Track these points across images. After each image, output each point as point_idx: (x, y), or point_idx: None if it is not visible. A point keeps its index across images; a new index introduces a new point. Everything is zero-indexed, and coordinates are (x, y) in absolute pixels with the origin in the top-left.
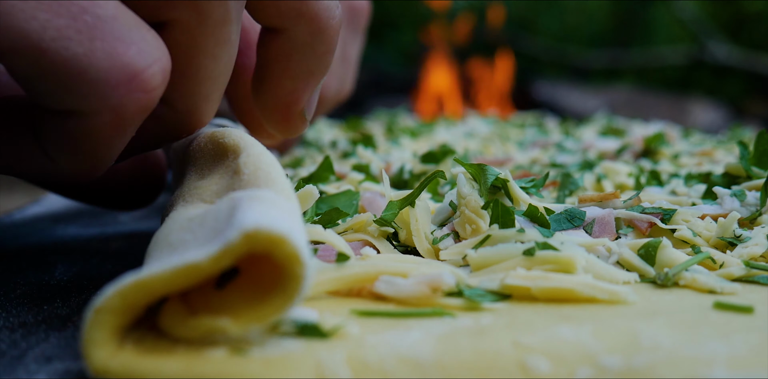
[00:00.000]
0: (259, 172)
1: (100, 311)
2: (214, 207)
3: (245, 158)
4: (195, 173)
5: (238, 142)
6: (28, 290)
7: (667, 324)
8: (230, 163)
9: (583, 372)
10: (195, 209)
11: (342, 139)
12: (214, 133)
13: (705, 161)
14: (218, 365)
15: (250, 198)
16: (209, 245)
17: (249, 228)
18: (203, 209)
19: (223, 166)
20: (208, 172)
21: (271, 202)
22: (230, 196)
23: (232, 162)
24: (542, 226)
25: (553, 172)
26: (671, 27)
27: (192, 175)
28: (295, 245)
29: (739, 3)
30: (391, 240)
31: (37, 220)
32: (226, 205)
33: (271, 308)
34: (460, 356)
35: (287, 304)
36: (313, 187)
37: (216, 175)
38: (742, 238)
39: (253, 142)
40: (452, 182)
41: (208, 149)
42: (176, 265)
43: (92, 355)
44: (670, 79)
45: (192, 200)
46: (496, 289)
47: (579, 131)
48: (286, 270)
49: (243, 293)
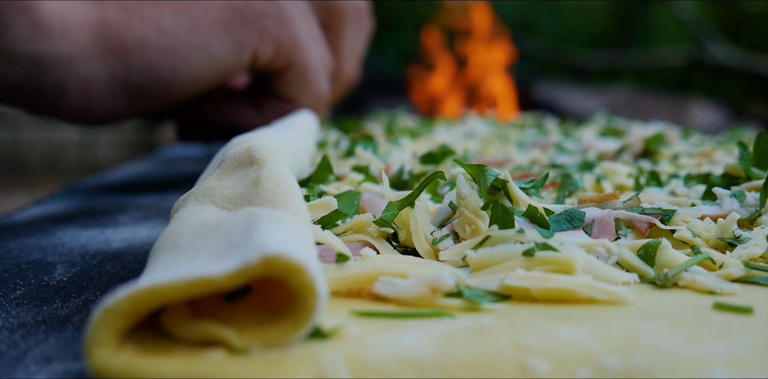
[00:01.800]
0: (278, 190)
1: (109, 312)
2: (228, 217)
3: (267, 174)
4: (215, 175)
5: (265, 157)
6: (27, 290)
7: (667, 325)
8: (251, 173)
9: (583, 373)
10: (206, 212)
11: (343, 140)
12: (250, 146)
13: (704, 162)
14: (218, 365)
15: (270, 218)
16: (225, 259)
17: (270, 253)
18: (215, 214)
19: (242, 173)
20: (227, 176)
21: (290, 226)
22: (248, 210)
23: (253, 172)
24: (542, 226)
25: (553, 173)
26: (671, 28)
27: (212, 177)
28: (311, 275)
29: (739, 4)
30: (391, 241)
31: (37, 220)
32: (243, 219)
33: (278, 332)
34: (460, 356)
35: (295, 331)
36: (332, 199)
37: (232, 179)
38: (741, 238)
39: (278, 160)
40: (452, 183)
41: (239, 158)
42: (191, 276)
43: (94, 354)
44: (670, 79)
45: (203, 201)
46: (495, 289)
47: (578, 132)
48: (300, 299)
49: (252, 311)
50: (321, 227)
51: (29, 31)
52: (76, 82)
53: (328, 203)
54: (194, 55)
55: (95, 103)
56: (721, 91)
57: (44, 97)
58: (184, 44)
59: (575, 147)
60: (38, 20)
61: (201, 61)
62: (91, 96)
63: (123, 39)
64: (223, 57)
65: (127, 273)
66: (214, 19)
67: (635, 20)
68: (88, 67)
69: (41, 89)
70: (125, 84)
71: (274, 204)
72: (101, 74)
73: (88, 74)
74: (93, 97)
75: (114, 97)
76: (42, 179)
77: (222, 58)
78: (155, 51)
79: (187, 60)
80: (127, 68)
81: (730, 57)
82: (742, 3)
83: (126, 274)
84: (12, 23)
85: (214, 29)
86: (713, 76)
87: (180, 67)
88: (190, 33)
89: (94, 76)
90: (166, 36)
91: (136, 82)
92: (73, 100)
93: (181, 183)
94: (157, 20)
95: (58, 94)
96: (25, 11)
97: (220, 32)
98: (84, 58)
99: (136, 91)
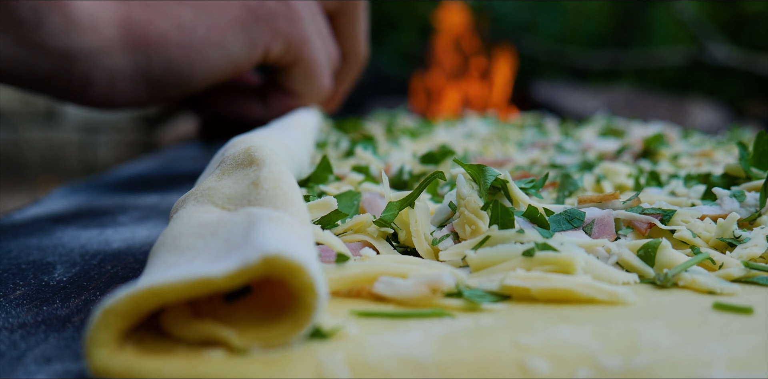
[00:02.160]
0: (278, 190)
1: (109, 312)
2: (228, 218)
3: (267, 174)
4: (214, 175)
5: (264, 157)
6: (27, 290)
7: (667, 325)
8: (250, 173)
9: (583, 373)
10: (206, 213)
11: (343, 140)
12: (250, 146)
13: (704, 162)
14: (218, 365)
15: (270, 219)
16: (225, 259)
17: (270, 253)
18: (215, 214)
19: (241, 173)
20: (226, 176)
21: (290, 227)
22: (247, 210)
23: (253, 172)
24: (542, 227)
25: (553, 173)
26: (671, 28)
27: (211, 177)
28: (312, 276)
29: (739, 4)
30: (391, 241)
31: (37, 220)
32: (243, 219)
33: (278, 333)
34: (460, 356)
35: (295, 331)
36: (332, 199)
37: (231, 179)
38: (741, 239)
39: (277, 160)
40: (452, 183)
41: (238, 158)
42: (191, 277)
43: (94, 355)
44: (670, 79)
45: (203, 201)
46: (495, 290)
47: (578, 132)
48: (300, 299)
49: (251, 311)
50: (321, 227)
51: (62, 27)
52: (102, 74)
53: (328, 203)
54: (211, 51)
55: (118, 93)
56: (721, 92)
57: (72, 86)
58: (202, 41)
59: (575, 147)
60: (70, 16)
61: (217, 57)
62: (115, 86)
63: (146, 35)
64: (237, 53)
65: (127, 273)
66: (231, 18)
67: (635, 20)
68: (114, 60)
69: (70, 80)
70: (146, 76)
71: (273, 204)
72: (125, 67)
73: (114, 67)
74: (116, 88)
75: (135, 87)
76: (42, 179)
77: (236, 54)
78: (176, 46)
79: (205, 55)
80: (149, 62)
81: (730, 57)
82: (742, 3)
83: (126, 274)
84: (46, 19)
85: (231, 27)
86: (713, 77)
87: (198, 61)
88: (209, 30)
89: (118, 68)
90: (186, 33)
91: (156, 75)
92: (98, 90)
93: (181, 183)
94: (178, 17)
95: (86, 84)
96: (59, 8)
97: (236, 30)
98: (110, 51)
99: (155, 83)
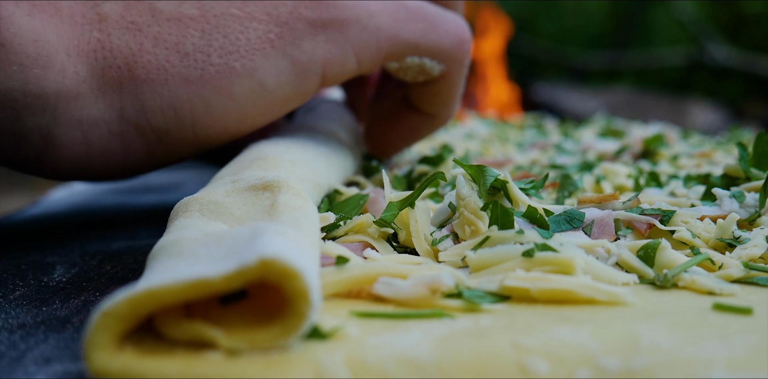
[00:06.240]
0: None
1: (108, 315)
2: (234, 230)
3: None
4: (223, 190)
5: (281, 184)
6: (27, 291)
7: (667, 325)
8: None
9: (583, 373)
10: (213, 227)
11: None
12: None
13: (704, 163)
14: (217, 366)
15: (276, 231)
16: (224, 262)
17: (267, 255)
18: (222, 228)
19: (253, 196)
20: (236, 195)
21: (295, 240)
22: (255, 224)
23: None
24: (541, 227)
25: (553, 174)
26: (670, 28)
27: (219, 189)
28: (306, 282)
29: (739, 4)
30: (391, 241)
31: (36, 220)
32: (248, 231)
33: (266, 336)
34: (460, 357)
35: (284, 337)
36: (330, 215)
37: (241, 200)
38: (741, 239)
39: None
40: (452, 183)
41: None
42: (188, 278)
43: (93, 357)
44: (669, 80)
45: (211, 216)
46: (495, 290)
47: (578, 132)
48: (292, 305)
49: (243, 314)
50: (324, 231)
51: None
52: (67, 128)
53: (326, 218)
54: (236, 84)
55: (98, 155)
56: (720, 92)
57: (26, 149)
58: (220, 71)
59: (575, 148)
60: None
61: (246, 92)
62: (93, 145)
63: (132, 68)
64: (276, 84)
65: (126, 274)
66: (258, 37)
67: (635, 21)
68: (84, 108)
69: (20, 139)
70: (139, 127)
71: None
72: (104, 116)
73: (85, 117)
74: (95, 147)
75: (125, 145)
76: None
77: (275, 85)
78: (179, 82)
79: (226, 91)
80: (140, 106)
81: (730, 58)
82: (742, 3)
83: (126, 275)
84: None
85: (261, 50)
86: (713, 77)
87: (217, 101)
88: (227, 56)
89: (93, 118)
90: (194, 62)
91: (155, 125)
92: (65, 152)
93: (182, 184)
94: (178, 42)
95: (45, 144)
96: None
97: (268, 53)
98: (77, 95)
99: (156, 137)
